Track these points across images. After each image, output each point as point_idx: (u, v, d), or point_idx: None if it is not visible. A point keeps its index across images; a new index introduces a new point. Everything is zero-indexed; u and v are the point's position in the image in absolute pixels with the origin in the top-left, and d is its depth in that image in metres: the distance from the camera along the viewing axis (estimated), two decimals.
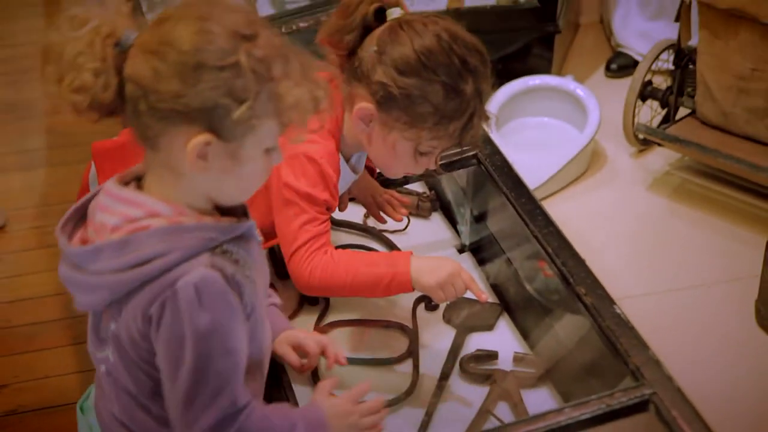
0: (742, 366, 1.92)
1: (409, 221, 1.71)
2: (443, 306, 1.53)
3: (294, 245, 1.36)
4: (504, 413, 1.35)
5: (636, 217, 2.40)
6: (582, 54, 3.09)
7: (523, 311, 1.52)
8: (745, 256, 2.18)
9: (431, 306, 1.54)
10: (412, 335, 1.47)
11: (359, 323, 1.50)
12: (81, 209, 1.05)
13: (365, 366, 1.43)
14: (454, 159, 1.62)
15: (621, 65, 2.95)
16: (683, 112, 2.48)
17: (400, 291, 1.37)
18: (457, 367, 1.43)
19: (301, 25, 2.05)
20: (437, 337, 1.49)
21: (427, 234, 1.73)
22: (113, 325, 1.01)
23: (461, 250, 1.69)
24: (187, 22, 0.95)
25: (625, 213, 2.41)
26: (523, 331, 1.51)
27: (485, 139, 1.64)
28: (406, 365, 1.44)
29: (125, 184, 1.03)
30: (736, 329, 2.01)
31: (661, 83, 2.54)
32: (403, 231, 1.70)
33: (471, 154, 1.62)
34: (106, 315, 1.02)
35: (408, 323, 1.50)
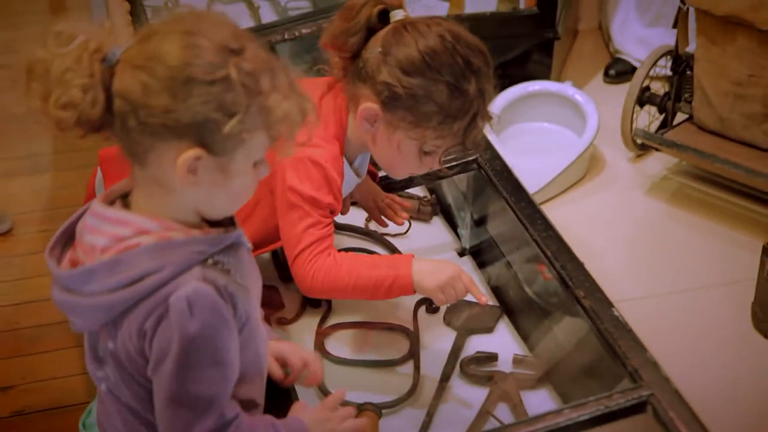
0: (738, 368, 1.92)
1: (410, 225, 1.71)
2: (444, 308, 1.54)
3: (297, 248, 1.36)
4: (504, 414, 1.36)
5: (634, 221, 2.39)
6: (581, 60, 3.09)
7: (523, 314, 1.53)
8: (742, 259, 2.18)
9: (432, 308, 1.54)
10: (413, 337, 1.48)
11: (361, 325, 1.51)
12: (67, 231, 1.04)
13: (367, 368, 1.44)
14: (454, 163, 1.63)
15: (619, 71, 2.95)
16: (681, 117, 2.48)
17: (401, 293, 1.37)
18: (458, 369, 1.43)
19: (304, 32, 2.04)
20: (438, 339, 1.49)
21: (428, 237, 1.73)
22: (111, 344, 1.01)
23: (462, 253, 1.69)
24: (175, 36, 0.93)
25: (624, 217, 2.41)
26: (523, 334, 1.51)
27: (485, 144, 1.65)
28: (407, 367, 1.44)
29: (110, 203, 1.02)
30: (732, 332, 2.01)
31: (659, 89, 2.54)
32: (405, 234, 1.71)
33: (471, 158, 1.63)
34: (102, 334, 1.02)
35: (409, 325, 1.51)
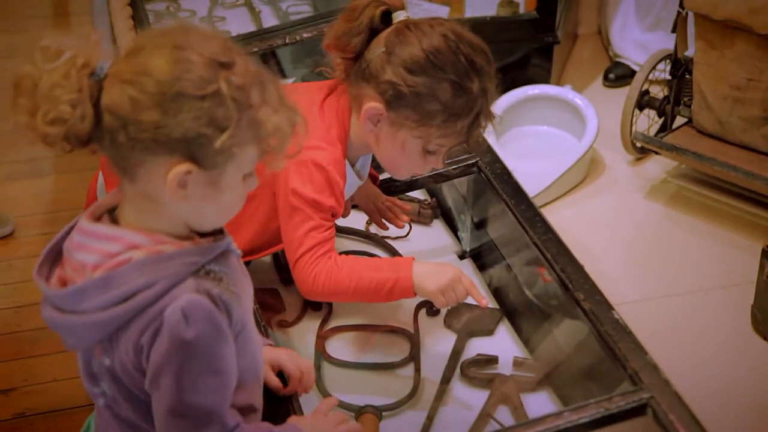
0: (738, 370, 1.92)
1: (411, 228, 1.72)
2: (444, 311, 1.54)
3: (299, 251, 1.37)
4: (504, 417, 1.36)
5: (634, 224, 2.40)
6: (580, 64, 3.10)
7: (523, 316, 1.53)
8: (741, 262, 2.18)
9: (432, 311, 1.55)
10: (413, 340, 1.48)
11: (362, 328, 1.51)
12: (54, 249, 1.02)
13: (367, 370, 1.45)
14: (455, 166, 1.63)
15: (619, 75, 2.95)
16: (680, 121, 2.48)
17: (402, 296, 1.38)
18: (458, 371, 1.44)
19: (305, 36, 2.05)
20: (438, 342, 1.50)
21: (429, 241, 1.74)
22: (107, 360, 1.00)
23: (462, 256, 1.70)
24: (163, 51, 0.92)
25: (623, 220, 2.41)
26: (523, 336, 1.52)
27: (486, 148, 1.66)
28: (407, 369, 1.45)
29: (97, 219, 1.01)
30: (732, 334, 2.01)
31: (658, 92, 2.54)
32: (405, 238, 1.72)
33: (471, 162, 1.64)
34: (97, 351, 1.00)
35: (410, 328, 1.51)
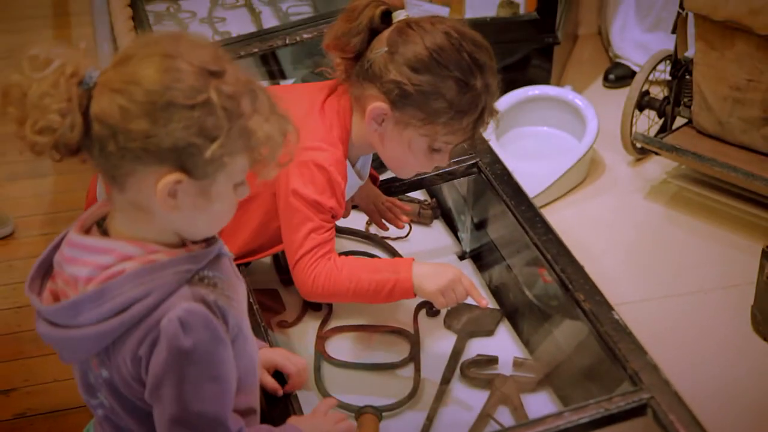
0: (738, 370, 1.93)
1: (411, 228, 1.72)
2: (444, 311, 1.54)
3: (299, 253, 1.37)
4: (504, 417, 1.36)
5: (634, 225, 2.40)
6: (580, 65, 3.10)
7: (523, 317, 1.53)
8: (741, 262, 2.18)
9: (432, 311, 1.55)
10: (413, 340, 1.48)
11: (362, 328, 1.51)
12: (45, 264, 1.02)
13: (367, 370, 1.45)
14: (455, 167, 1.64)
15: (619, 76, 2.96)
16: (680, 121, 2.48)
17: (402, 297, 1.38)
18: (458, 372, 1.44)
19: (305, 36, 2.05)
20: (438, 342, 1.50)
21: (429, 241, 1.74)
22: (104, 372, 0.99)
23: (462, 257, 1.70)
24: (153, 59, 0.91)
25: (623, 220, 2.41)
26: (523, 337, 1.52)
27: (485, 149, 1.67)
28: (407, 370, 1.45)
29: (86, 231, 1.00)
30: (732, 334, 2.02)
31: (658, 93, 2.55)
32: (405, 238, 1.72)
33: (471, 162, 1.64)
34: (94, 363, 1.00)
35: (409, 328, 1.51)
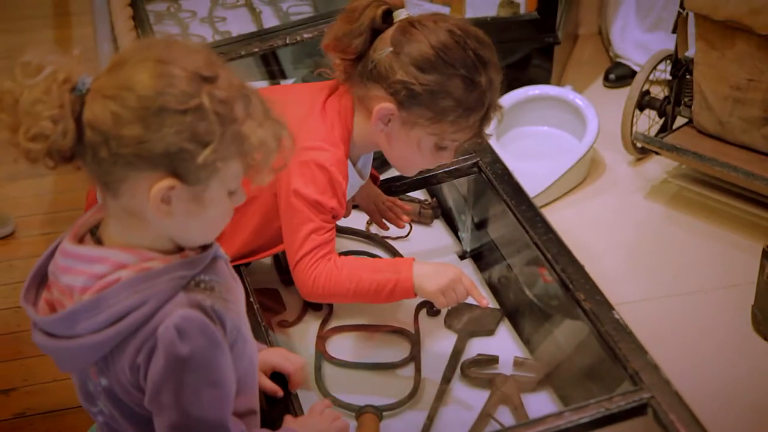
0: (738, 370, 1.92)
1: (411, 228, 1.72)
2: (445, 311, 1.54)
3: (299, 254, 1.37)
4: (504, 417, 1.36)
5: (634, 225, 2.40)
6: (581, 64, 3.10)
7: (524, 316, 1.53)
8: (742, 262, 2.18)
9: (433, 311, 1.55)
10: (414, 340, 1.48)
11: (362, 328, 1.52)
12: (39, 274, 1.02)
13: (368, 370, 1.45)
14: (455, 167, 1.64)
15: (619, 75, 2.96)
16: (680, 121, 2.49)
17: (402, 297, 1.38)
18: (459, 372, 1.44)
19: (305, 36, 2.05)
20: (439, 342, 1.50)
21: (429, 241, 1.74)
22: (104, 381, 0.99)
23: (462, 256, 1.70)
24: (146, 65, 0.91)
25: (624, 220, 2.41)
26: (524, 336, 1.52)
27: (486, 148, 1.67)
28: (408, 369, 1.45)
29: (80, 240, 1.00)
30: (732, 334, 2.02)
31: (659, 93, 2.55)
32: (405, 238, 1.72)
33: (472, 162, 1.64)
34: (92, 372, 1.00)
35: (410, 328, 1.51)
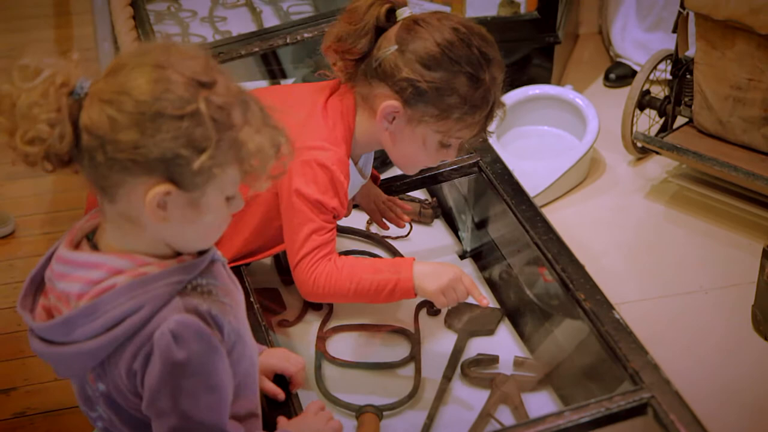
0: (738, 370, 1.92)
1: (412, 228, 1.72)
2: (445, 311, 1.55)
3: (299, 254, 1.37)
4: (505, 416, 1.37)
5: (634, 224, 2.40)
6: (581, 64, 3.10)
7: (524, 316, 1.53)
8: (742, 262, 2.18)
9: (433, 311, 1.55)
10: (414, 339, 1.49)
11: (362, 328, 1.52)
12: (36, 280, 1.02)
13: (368, 370, 1.45)
14: (456, 166, 1.64)
15: (619, 75, 2.95)
16: (681, 121, 2.48)
17: (403, 297, 1.38)
18: (459, 371, 1.44)
19: (306, 36, 2.05)
20: (439, 342, 1.50)
21: (429, 240, 1.74)
22: (102, 386, 0.99)
23: (462, 256, 1.70)
24: (144, 70, 0.91)
25: (624, 220, 2.41)
26: (524, 336, 1.52)
27: (486, 148, 1.67)
28: (408, 369, 1.45)
29: (76, 246, 1.00)
30: (733, 334, 2.01)
31: (659, 93, 2.54)
32: (406, 237, 1.72)
33: (472, 162, 1.64)
34: (90, 378, 1.00)
35: (410, 328, 1.51)
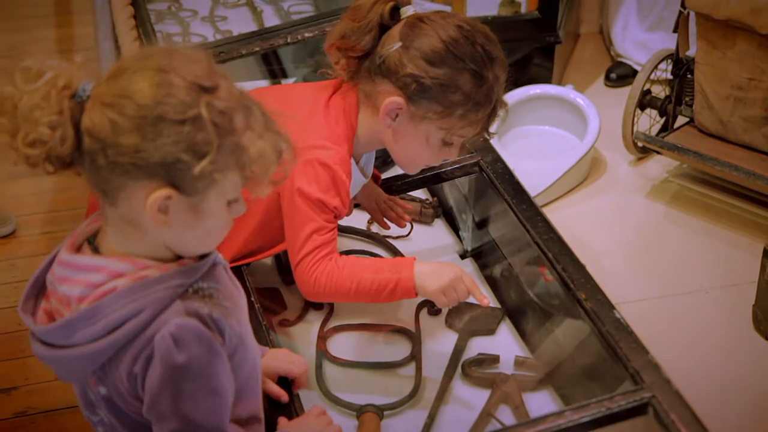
0: (739, 369, 1.92)
1: (412, 227, 1.72)
2: (446, 310, 1.54)
3: (300, 254, 1.37)
4: (505, 416, 1.37)
5: (635, 224, 2.40)
6: (582, 64, 3.10)
7: (524, 316, 1.53)
8: (743, 262, 2.18)
9: (434, 310, 1.55)
10: (414, 339, 1.49)
11: (363, 327, 1.52)
12: (37, 283, 1.02)
13: (369, 369, 1.45)
14: (456, 166, 1.64)
15: (620, 75, 2.95)
16: (681, 120, 2.48)
17: (404, 297, 1.38)
18: (459, 371, 1.44)
19: (307, 35, 2.05)
20: (440, 341, 1.50)
21: (430, 240, 1.74)
22: (102, 390, 1.00)
23: (463, 255, 1.70)
24: (146, 73, 0.91)
25: (625, 219, 2.41)
26: (524, 335, 1.52)
27: (487, 147, 1.67)
28: (408, 369, 1.45)
29: (77, 249, 1.00)
30: (733, 334, 2.02)
31: (660, 92, 2.54)
32: (407, 237, 1.72)
33: (473, 161, 1.64)
34: (91, 381, 1.00)
35: (411, 327, 1.51)
